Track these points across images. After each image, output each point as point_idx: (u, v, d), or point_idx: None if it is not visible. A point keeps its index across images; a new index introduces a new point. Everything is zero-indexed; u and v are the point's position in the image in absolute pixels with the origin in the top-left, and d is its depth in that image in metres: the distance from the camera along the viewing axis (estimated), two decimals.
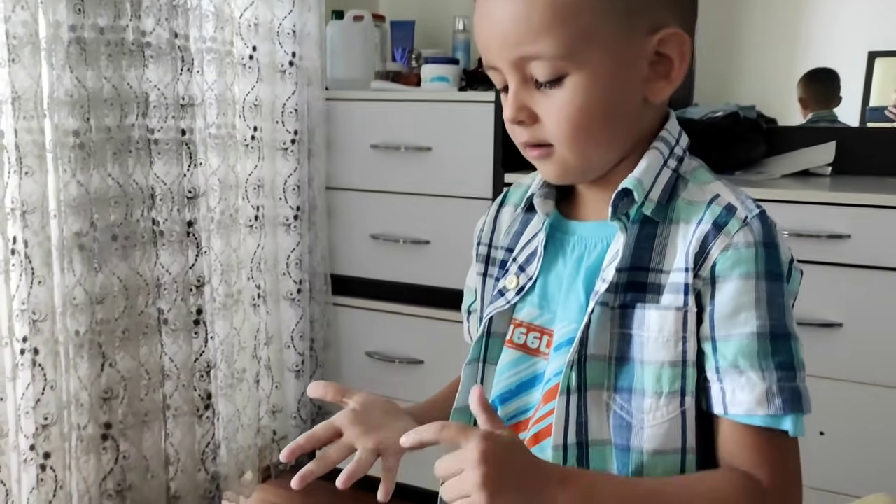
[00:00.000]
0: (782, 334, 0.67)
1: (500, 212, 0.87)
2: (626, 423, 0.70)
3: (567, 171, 0.74)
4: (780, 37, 2.10)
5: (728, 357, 0.67)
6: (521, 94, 0.71)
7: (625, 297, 0.71)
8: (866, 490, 1.30)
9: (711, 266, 0.68)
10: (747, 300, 0.67)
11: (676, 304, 0.69)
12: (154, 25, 1.58)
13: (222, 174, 1.79)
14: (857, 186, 1.63)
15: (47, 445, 1.45)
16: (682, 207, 0.71)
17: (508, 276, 0.80)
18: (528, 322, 0.78)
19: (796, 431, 0.67)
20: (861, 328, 1.50)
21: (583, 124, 0.70)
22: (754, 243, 0.67)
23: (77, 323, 1.49)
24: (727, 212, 0.69)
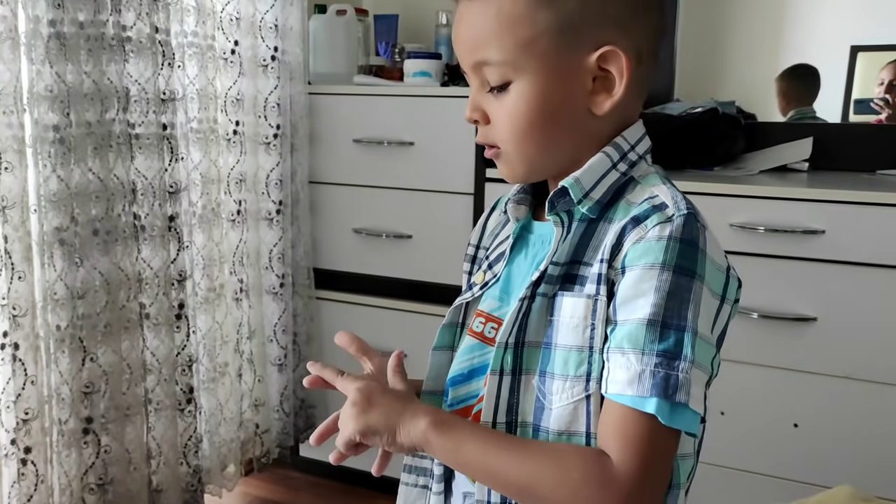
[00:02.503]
0: (675, 325, 0.67)
1: (489, 216, 0.92)
2: (541, 403, 0.74)
3: (514, 171, 0.79)
4: (762, 32, 2.11)
5: (617, 339, 0.69)
6: (478, 97, 0.77)
7: (558, 287, 0.75)
8: (838, 482, 1.32)
9: (623, 256, 0.71)
10: (646, 287, 0.68)
11: (589, 293, 0.72)
12: (134, 20, 1.57)
13: (204, 169, 1.79)
14: (833, 182, 1.65)
15: (28, 440, 1.45)
16: (622, 208, 0.75)
17: (478, 273, 0.86)
18: (487, 312, 0.82)
19: (671, 421, 0.66)
20: (835, 322, 1.53)
21: (522, 128, 0.75)
22: (667, 237, 0.69)
23: (58, 318, 1.49)
24: (653, 208, 0.71)
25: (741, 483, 1.62)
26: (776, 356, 1.57)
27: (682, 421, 0.67)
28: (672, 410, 0.66)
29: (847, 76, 1.99)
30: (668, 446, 0.69)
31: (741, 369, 1.60)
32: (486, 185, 1.82)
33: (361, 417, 0.74)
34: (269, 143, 1.97)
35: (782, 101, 2.07)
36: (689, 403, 0.66)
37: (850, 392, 1.53)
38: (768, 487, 1.60)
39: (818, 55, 2.04)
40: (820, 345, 1.54)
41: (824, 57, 2.03)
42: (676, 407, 0.66)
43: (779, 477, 1.59)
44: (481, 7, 0.74)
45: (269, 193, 1.99)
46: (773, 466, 1.60)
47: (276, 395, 2.09)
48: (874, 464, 1.52)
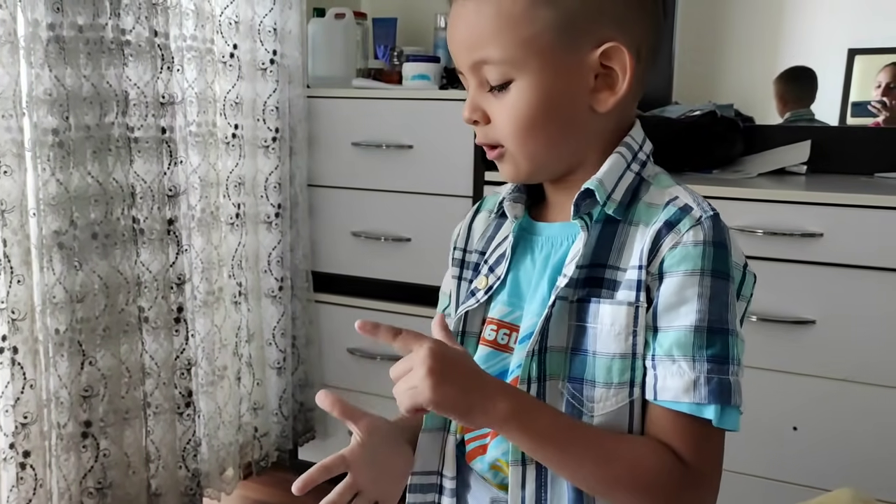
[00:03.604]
0: (719, 329, 0.70)
1: (475, 218, 0.90)
2: (577, 411, 0.73)
3: (518, 170, 0.78)
4: (760, 35, 2.12)
5: (664, 346, 0.70)
6: (477, 97, 0.77)
7: (582, 291, 0.74)
8: (838, 485, 1.32)
9: (660, 262, 0.71)
10: (690, 294, 0.70)
11: (629, 300, 0.72)
12: (133, 24, 1.57)
13: (203, 172, 1.79)
14: (831, 185, 1.65)
15: (27, 444, 1.45)
16: (643, 210, 0.75)
17: (479, 277, 0.84)
18: (499, 319, 0.81)
19: (721, 422, 0.69)
20: (833, 325, 1.53)
21: (525, 126, 0.75)
22: (703, 242, 0.71)
23: (57, 321, 1.49)
24: (681, 211, 0.72)
25: (740, 486, 1.62)
26: (775, 359, 1.58)
27: (730, 420, 0.70)
28: (724, 413, 0.69)
29: (845, 79, 2.00)
30: (721, 444, 0.73)
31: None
32: (485, 187, 1.82)
33: (439, 389, 0.66)
34: (267, 146, 1.97)
35: (779, 104, 2.07)
36: (740, 406, 0.70)
37: (849, 394, 1.53)
38: (767, 490, 1.60)
39: (816, 58, 2.05)
40: (819, 347, 1.54)
41: (822, 59, 2.04)
42: (727, 410, 0.69)
43: (778, 480, 1.59)
44: (478, 6, 0.73)
45: (268, 197, 1.99)
46: (773, 469, 1.60)
47: (274, 398, 2.09)
48: (873, 466, 1.52)
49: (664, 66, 2.09)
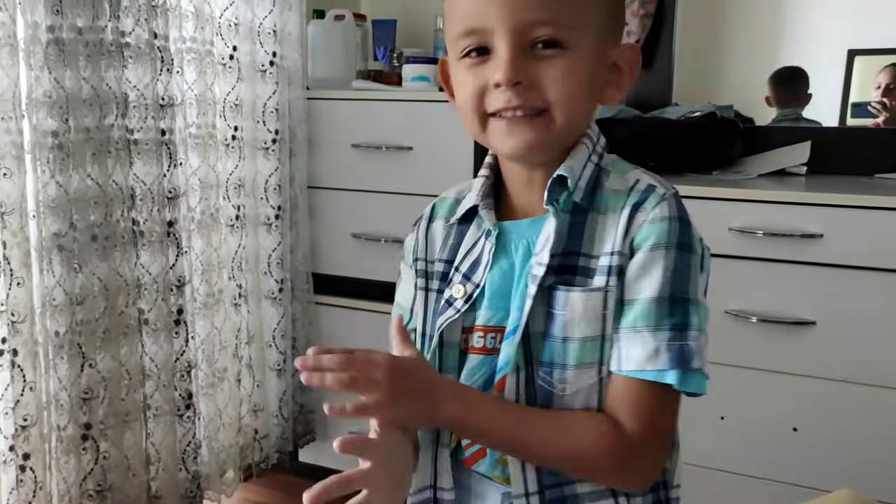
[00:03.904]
0: (681, 298, 0.74)
1: (430, 227, 0.90)
2: (548, 392, 0.77)
3: (549, 136, 0.77)
4: (760, 36, 2.12)
5: (629, 318, 0.75)
6: (519, 59, 0.75)
7: (553, 278, 0.77)
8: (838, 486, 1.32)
9: (631, 240, 0.75)
10: (655, 267, 0.74)
11: (599, 285, 0.76)
12: (133, 26, 1.57)
13: (203, 174, 1.79)
14: (831, 186, 1.65)
15: (27, 446, 1.45)
16: (609, 197, 0.79)
17: (454, 287, 0.84)
18: (484, 325, 0.81)
19: (683, 385, 0.73)
20: (834, 326, 1.53)
21: (577, 93, 0.76)
22: (668, 217, 0.75)
23: (57, 323, 1.48)
24: (645, 192, 0.76)
25: (740, 487, 1.62)
26: (775, 360, 1.57)
27: (693, 384, 0.74)
28: (685, 377, 0.73)
29: (844, 80, 2.00)
30: (675, 410, 0.78)
31: (740, 373, 1.60)
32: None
33: (388, 409, 0.72)
34: (267, 148, 1.97)
35: (769, 105, 2.07)
36: (702, 369, 0.74)
37: (849, 395, 1.53)
38: (767, 491, 1.60)
39: (815, 59, 2.04)
40: (819, 348, 1.54)
41: (822, 60, 2.04)
42: (689, 373, 0.73)
43: (778, 481, 1.59)
44: None
45: (268, 198, 1.99)
46: (773, 470, 1.60)
47: (275, 400, 2.09)
48: (873, 467, 1.52)
49: (664, 68, 2.09)
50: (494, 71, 0.75)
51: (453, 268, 0.85)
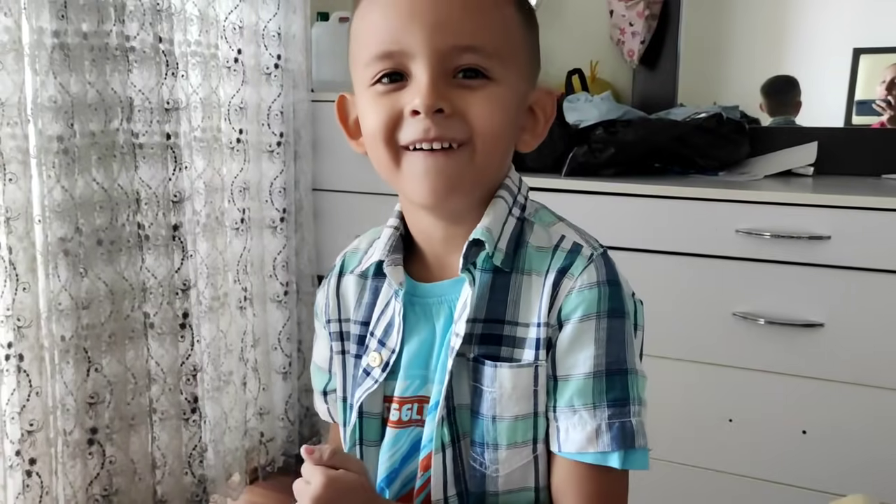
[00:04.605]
0: (618, 371, 0.69)
1: (340, 283, 0.83)
2: (481, 472, 0.72)
3: (470, 173, 0.70)
4: (765, 36, 2.11)
5: (565, 396, 0.69)
6: (440, 85, 0.67)
7: (479, 349, 0.71)
8: (848, 489, 1.31)
9: (559, 311, 0.70)
10: (586, 339, 0.69)
11: (528, 360, 0.70)
12: (138, 30, 1.57)
13: (208, 177, 1.79)
14: (838, 187, 1.64)
15: (33, 451, 1.45)
16: (532, 255, 0.72)
17: (370, 354, 0.77)
18: (401, 396, 0.75)
19: (626, 465, 0.69)
20: (842, 328, 1.52)
21: (503, 128, 0.70)
22: (596, 283, 0.69)
23: (62, 328, 1.48)
24: (571, 253, 0.71)
25: (749, 490, 1.61)
26: (783, 362, 1.57)
27: (637, 461, 0.69)
28: (627, 456, 0.68)
29: (850, 79, 1.99)
30: (625, 488, 0.72)
31: (748, 375, 1.59)
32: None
33: None
34: (272, 150, 1.97)
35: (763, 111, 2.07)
36: (645, 446, 0.69)
37: (858, 398, 1.52)
38: (776, 495, 1.59)
39: (820, 58, 2.03)
40: (827, 350, 1.53)
41: (827, 60, 2.03)
42: (631, 453, 0.69)
43: (787, 484, 1.58)
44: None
45: (273, 201, 1.99)
46: (782, 473, 1.59)
47: (280, 403, 2.09)
48: (883, 470, 1.51)
49: (669, 68, 2.08)
50: (412, 97, 0.67)
51: (369, 331, 0.78)
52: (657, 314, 1.64)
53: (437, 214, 0.74)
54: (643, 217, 1.62)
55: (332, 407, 0.86)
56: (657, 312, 1.64)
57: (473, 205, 0.73)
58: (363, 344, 0.79)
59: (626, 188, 1.63)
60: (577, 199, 1.65)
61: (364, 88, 0.71)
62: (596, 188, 1.65)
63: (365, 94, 0.71)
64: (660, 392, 1.65)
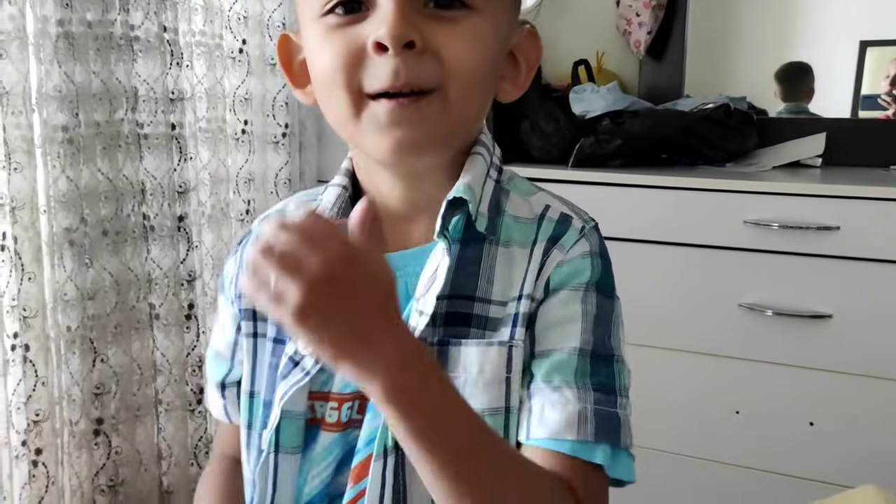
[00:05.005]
0: (605, 354, 0.59)
1: None
2: None
3: (443, 126, 0.58)
4: (772, 27, 2.09)
5: (543, 370, 0.57)
6: (410, 13, 0.55)
7: (444, 331, 0.59)
8: (857, 480, 1.31)
9: (545, 283, 0.60)
10: (574, 311, 0.59)
11: (501, 338, 0.59)
12: (142, 19, 1.57)
13: (213, 168, 1.79)
14: (846, 178, 1.64)
15: (39, 441, 1.45)
16: (511, 226, 0.62)
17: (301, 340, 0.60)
18: (340, 392, 0.61)
19: (614, 470, 0.56)
20: (850, 319, 1.51)
21: (484, 69, 0.58)
22: (590, 253, 0.61)
23: (68, 318, 1.48)
24: (561, 223, 0.62)
25: (756, 483, 1.61)
26: (791, 354, 1.56)
27: (623, 466, 0.57)
28: (615, 457, 0.57)
29: (856, 71, 1.98)
30: (606, 499, 0.59)
31: (755, 367, 1.58)
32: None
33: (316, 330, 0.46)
34: (277, 142, 1.96)
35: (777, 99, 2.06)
36: (631, 449, 0.58)
37: (866, 389, 1.52)
38: (784, 487, 1.58)
39: (827, 50, 2.02)
40: (836, 342, 1.52)
41: (833, 52, 2.02)
42: (618, 452, 0.57)
43: (795, 476, 1.58)
44: None
45: (278, 193, 1.98)
46: (790, 466, 1.58)
47: None
48: (893, 461, 1.51)
49: (676, 59, 2.07)
50: (377, 27, 0.54)
51: None
52: (664, 305, 1.65)
53: (398, 173, 0.62)
54: (650, 208, 1.61)
55: (230, 404, 0.71)
56: (664, 304, 1.65)
57: (442, 163, 0.62)
58: None
59: (634, 179, 1.62)
60: (584, 190, 1.64)
61: (313, 20, 0.58)
62: (603, 179, 1.64)
63: (314, 27, 0.58)
64: (666, 384, 1.65)
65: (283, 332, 0.63)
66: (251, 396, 0.66)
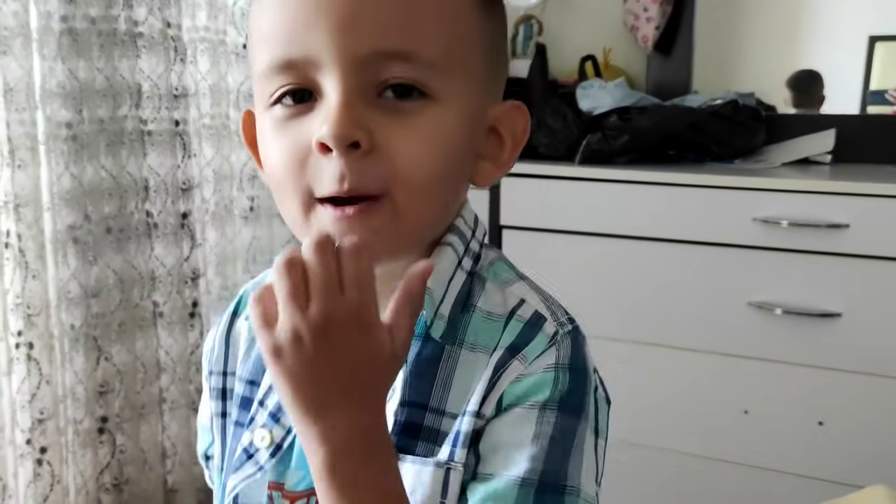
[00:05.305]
0: (553, 487, 0.51)
1: (233, 326, 0.64)
2: None
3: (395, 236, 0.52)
4: (780, 23, 2.08)
5: (477, 497, 0.51)
6: (358, 106, 0.50)
7: (396, 440, 0.53)
8: (866, 480, 1.30)
9: (498, 400, 0.53)
10: (525, 434, 0.51)
11: (439, 458, 0.52)
12: (146, 15, 1.56)
13: (216, 165, 1.78)
14: (857, 175, 1.62)
15: (43, 440, 1.44)
16: (479, 325, 0.55)
17: (256, 431, 0.58)
18: (292, 490, 0.57)
19: None
20: (860, 318, 1.49)
21: (440, 170, 0.52)
22: (555, 367, 0.53)
23: (72, 316, 1.48)
24: (530, 328, 0.54)
25: (765, 482, 1.60)
26: (800, 353, 1.55)
27: None
28: None
29: (865, 66, 1.96)
30: None
31: (763, 366, 1.57)
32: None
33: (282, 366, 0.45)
34: None
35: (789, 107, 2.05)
36: None
37: (876, 388, 1.50)
38: (793, 486, 1.57)
39: (836, 45, 2.01)
40: (845, 341, 1.51)
41: (842, 47, 2.00)
42: None
43: (804, 475, 1.57)
44: None
45: None
46: (798, 465, 1.57)
47: None
48: None
49: (684, 55, 2.05)
50: (321, 124, 0.49)
51: (256, 399, 0.59)
52: (671, 304, 1.64)
53: None
54: (658, 205, 1.60)
55: (214, 474, 0.69)
56: (671, 302, 1.63)
57: (399, 263, 0.55)
58: (247, 410, 0.60)
59: (641, 176, 1.60)
60: (591, 187, 1.63)
61: (264, 110, 0.54)
62: (610, 176, 1.62)
63: (264, 117, 0.54)
64: (674, 383, 1.64)
65: (243, 416, 0.60)
66: (221, 472, 0.63)
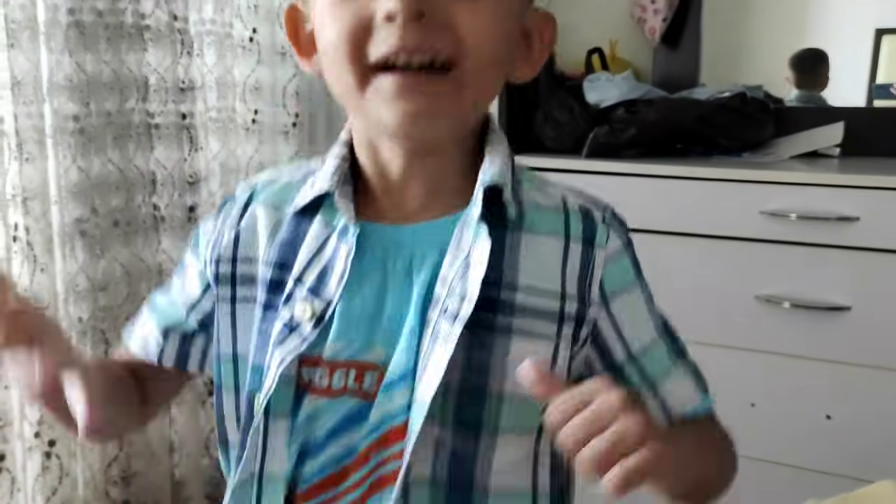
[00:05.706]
0: (665, 322, 0.69)
1: (246, 214, 0.66)
2: (465, 468, 0.59)
3: (457, 104, 0.58)
4: (787, 15, 2.07)
5: (652, 365, 0.66)
6: None
7: (476, 316, 0.57)
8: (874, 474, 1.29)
9: (600, 287, 0.63)
10: (640, 306, 0.66)
11: (547, 333, 0.60)
12: (153, 8, 1.56)
13: (223, 158, 1.78)
14: (866, 168, 1.61)
15: (52, 433, 1.44)
16: (533, 212, 0.62)
17: (297, 304, 0.61)
18: (332, 359, 0.60)
19: (713, 405, 0.71)
20: (869, 311, 1.49)
21: (499, 48, 0.58)
22: (623, 245, 0.65)
23: (80, 310, 1.48)
24: (587, 219, 0.63)
25: (773, 476, 1.59)
26: (808, 346, 1.54)
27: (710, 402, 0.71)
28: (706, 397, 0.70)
29: (872, 59, 1.95)
30: None
31: (771, 359, 1.56)
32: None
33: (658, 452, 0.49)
34: (287, 132, 1.95)
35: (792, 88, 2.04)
36: None
37: (885, 382, 1.50)
38: (801, 480, 1.57)
39: (842, 38, 2.00)
40: (854, 334, 1.50)
41: (849, 40, 1.99)
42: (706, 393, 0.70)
43: (811, 469, 1.56)
44: None
45: None
46: (805, 458, 1.57)
47: None
48: None
49: (691, 48, 2.05)
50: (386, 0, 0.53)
51: (292, 277, 0.62)
52: (678, 297, 1.63)
53: (403, 144, 0.61)
54: (665, 198, 1.60)
55: (169, 350, 0.70)
56: (678, 295, 1.62)
57: (451, 139, 0.62)
58: (278, 291, 0.62)
59: (648, 169, 1.60)
60: (599, 180, 1.62)
61: None
62: (617, 169, 1.62)
63: None
64: None
65: (272, 298, 0.62)
66: (234, 361, 0.65)
